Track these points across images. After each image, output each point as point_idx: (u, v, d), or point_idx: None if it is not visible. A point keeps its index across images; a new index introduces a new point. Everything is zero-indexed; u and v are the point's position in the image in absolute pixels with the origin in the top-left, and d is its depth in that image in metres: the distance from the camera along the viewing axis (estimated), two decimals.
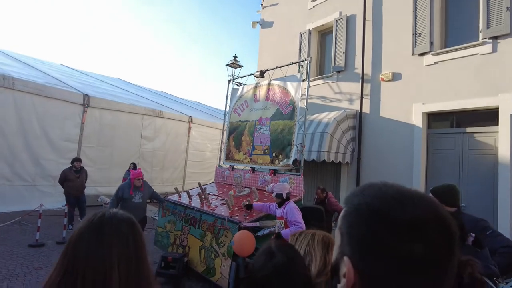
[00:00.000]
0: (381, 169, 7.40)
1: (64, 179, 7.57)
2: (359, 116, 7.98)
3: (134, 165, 9.66)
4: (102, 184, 10.35)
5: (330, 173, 8.67)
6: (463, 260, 1.15)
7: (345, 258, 0.56)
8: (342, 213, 0.61)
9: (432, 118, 7.05)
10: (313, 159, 7.56)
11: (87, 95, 10.08)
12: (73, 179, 7.62)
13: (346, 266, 0.55)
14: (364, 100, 7.95)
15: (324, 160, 7.41)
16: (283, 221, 4.40)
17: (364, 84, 7.97)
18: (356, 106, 8.12)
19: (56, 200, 9.11)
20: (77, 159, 7.98)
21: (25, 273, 4.88)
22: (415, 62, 7.11)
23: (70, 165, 7.81)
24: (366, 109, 7.92)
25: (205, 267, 4.94)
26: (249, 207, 4.88)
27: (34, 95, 8.98)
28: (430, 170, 6.89)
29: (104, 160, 10.51)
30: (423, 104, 6.92)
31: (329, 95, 8.86)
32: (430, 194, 2.66)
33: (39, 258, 5.55)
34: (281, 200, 4.47)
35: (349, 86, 8.38)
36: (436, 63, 6.77)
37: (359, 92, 8.01)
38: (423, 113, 6.93)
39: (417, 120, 6.98)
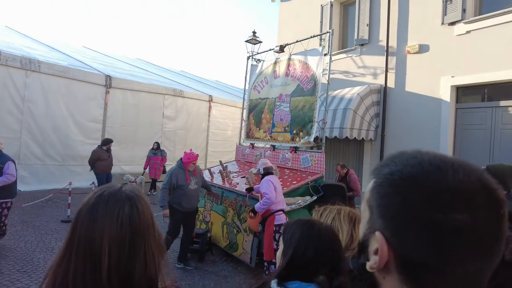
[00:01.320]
0: (406, 146, 7.17)
1: (96, 159, 7.87)
2: (384, 91, 7.70)
3: (157, 145, 9.86)
4: (127, 163, 10.68)
5: (352, 151, 8.52)
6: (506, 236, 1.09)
7: (377, 233, 0.51)
8: (370, 186, 0.56)
9: (462, 92, 6.69)
10: (335, 136, 7.43)
11: (109, 76, 10.25)
12: (105, 158, 7.94)
13: (378, 242, 0.50)
14: (388, 74, 7.63)
15: (347, 137, 7.26)
16: (260, 195, 4.41)
17: (389, 57, 7.62)
18: (380, 81, 7.82)
19: (84, 178, 9.50)
20: (110, 140, 8.27)
21: (59, 247, 5.16)
22: (444, 32, 6.70)
23: (100, 145, 8.10)
24: (390, 83, 7.62)
25: (228, 242, 5.05)
26: (249, 189, 4.85)
27: (59, 78, 9.23)
28: (458, 147, 6.62)
29: (128, 140, 10.76)
30: (452, 77, 6.57)
31: (352, 69, 8.56)
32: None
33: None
34: (262, 175, 4.45)
35: (373, 59, 8.05)
36: (468, 32, 6.34)
37: (384, 66, 7.68)
38: (452, 86, 6.59)
39: (445, 94, 6.65)
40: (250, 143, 7.04)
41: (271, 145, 6.48)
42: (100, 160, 7.86)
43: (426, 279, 0.48)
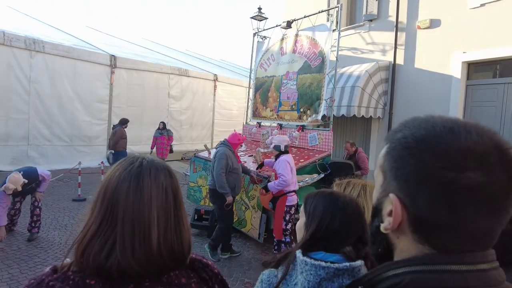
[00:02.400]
0: None
1: (121, 137, 8.17)
2: (392, 68, 7.55)
3: (163, 124, 9.88)
4: (134, 142, 10.74)
5: (360, 129, 8.46)
6: None
7: (391, 195, 0.52)
8: (384, 151, 0.57)
9: (473, 68, 6.54)
10: (343, 115, 7.37)
11: (113, 55, 10.16)
12: (126, 136, 8.30)
13: (392, 203, 0.52)
14: (398, 50, 7.46)
15: (354, 115, 7.20)
16: (274, 173, 4.33)
17: (399, 33, 7.42)
18: (389, 57, 7.66)
19: (93, 158, 9.63)
20: (127, 120, 8.58)
21: (72, 224, 5.30)
22: (457, 6, 6.47)
23: (121, 125, 8.38)
24: (400, 60, 7.46)
25: (237, 218, 5.14)
26: (260, 166, 4.83)
27: (64, 58, 9.18)
28: None
29: (134, 120, 10.76)
30: (463, 52, 6.40)
31: (360, 46, 8.38)
32: None
33: (83, 211, 5.97)
34: (279, 153, 4.30)
35: (382, 35, 7.85)
36: (482, 5, 6.12)
37: (393, 42, 7.50)
38: (463, 62, 6.43)
39: (456, 71, 6.51)
40: (257, 122, 7.03)
41: (278, 123, 6.46)
42: (123, 138, 8.21)
43: (438, 236, 0.50)
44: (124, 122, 8.50)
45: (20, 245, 4.36)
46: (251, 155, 5.71)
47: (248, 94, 7.62)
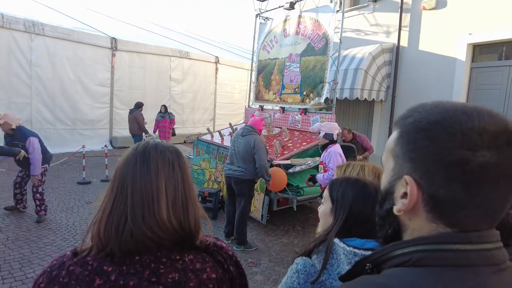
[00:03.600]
0: None
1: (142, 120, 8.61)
2: (396, 50, 7.46)
3: (165, 108, 9.87)
4: None
5: (362, 112, 8.44)
6: None
7: (406, 177, 0.54)
8: (395, 136, 0.59)
9: (479, 50, 6.45)
10: (346, 97, 7.34)
11: (114, 38, 10.05)
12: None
13: (408, 184, 0.54)
14: (402, 32, 7.34)
15: (357, 98, 7.17)
16: (322, 166, 4.00)
17: (403, 15, 7.29)
18: (393, 39, 7.55)
19: (96, 142, 9.69)
20: (142, 103, 8.98)
21: (78, 207, 5.40)
22: None
23: (138, 108, 8.71)
24: (404, 42, 7.36)
25: None
26: (313, 180, 4.12)
27: (64, 41, 9.09)
28: None
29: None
30: (469, 34, 6.30)
31: (364, 27, 8.24)
32: None
33: (88, 194, 6.08)
34: (328, 142, 3.98)
35: (386, 17, 7.71)
36: None
37: (397, 23, 7.37)
38: (468, 44, 6.34)
39: (461, 53, 6.43)
40: (259, 106, 7.02)
41: (280, 107, 6.45)
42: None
43: (454, 214, 0.52)
44: (140, 105, 8.86)
45: (29, 227, 4.46)
46: None
47: (250, 77, 7.56)
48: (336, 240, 0.96)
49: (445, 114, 0.53)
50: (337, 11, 5.85)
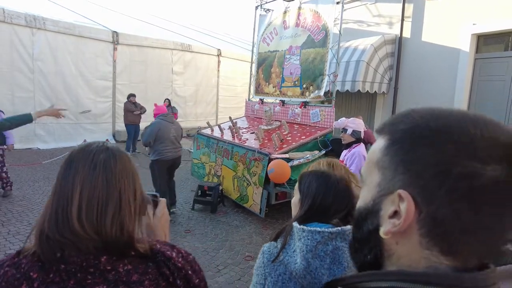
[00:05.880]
0: (419, 98, 6.99)
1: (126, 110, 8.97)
2: (399, 41, 7.34)
3: (169, 101, 9.88)
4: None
5: (364, 104, 8.36)
6: None
7: (401, 192, 0.45)
8: (382, 144, 0.50)
9: (483, 40, 6.32)
10: (347, 90, 7.27)
11: (115, 32, 10.02)
12: (131, 109, 9.01)
13: (403, 200, 0.45)
14: (405, 23, 7.22)
15: (359, 90, 7.10)
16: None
17: (406, 5, 7.15)
18: (395, 30, 7.43)
19: (99, 136, 9.74)
20: (132, 95, 9.22)
21: None
22: None
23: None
24: (406, 33, 7.23)
25: (239, 194, 5.24)
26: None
27: (65, 35, 9.08)
28: (474, 99, 6.41)
29: (138, 97, 10.79)
30: (473, 24, 6.17)
31: (366, 18, 8.12)
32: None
33: None
34: (354, 141, 3.65)
35: (389, 7, 7.58)
36: None
37: (400, 14, 7.24)
38: (473, 35, 6.21)
39: (465, 44, 6.30)
40: (260, 99, 6.98)
41: (280, 100, 6.41)
42: (127, 111, 8.98)
43: (456, 240, 0.43)
44: (128, 96, 9.16)
45: (30, 221, 4.51)
46: (253, 132, 5.73)
47: (251, 70, 7.51)
48: (295, 224, 1.05)
49: (449, 120, 0.45)
50: (338, 2, 5.76)
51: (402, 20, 7.21)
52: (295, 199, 1.18)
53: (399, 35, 7.30)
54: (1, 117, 4.90)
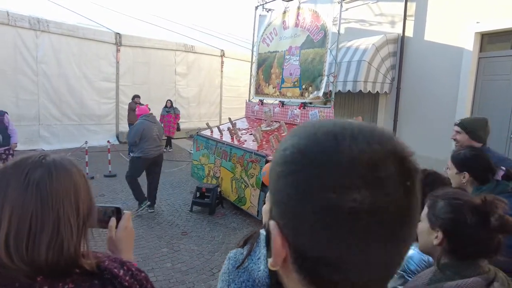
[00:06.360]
0: (422, 98, 6.88)
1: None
2: (401, 40, 7.22)
3: (171, 102, 9.91)
4: None
5: (367, 105, 8.26)
6: (488, 199, 1.04)
7: (271, 222, 0.42)
8: (270, 166, 0.46)
9: (487, 39, 6.19)
10: (349, 90, 7.19)
11: (118, 33, 10.09)
12: (133, 108, 8.89)
13: (273, 234, 0.42)
14: (407, 22, 7.10)
15: (360, 90, 7.02)
16: None
17: (408, 3, 7.04)
18: (398, 30, 7.31)
19: (102, 137, 9.81)
20: (137, 96, 9.31)
21: None
22: None
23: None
24: (409, 32, 7.12)
25: (237, 196, 5.21)
26: None
27: (69, 37, 9.18)
28: (477, 99, 6.28)
29: (141, 98, 10.86)
30: (477, 22, 6.04)
31: (368, 18, 8.01)
32: (457, 128, 2.39)
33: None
34: None
35: (391, 6, 7.47)
36: None
37: (402, 13, 7.13)
38: (476, 33, 6.08)
39: (468, 42, 6.18)
40: (259, 100, 6.95)
41: (279, 101, 6.37)
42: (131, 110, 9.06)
43: (324, 275, 0.40)
44: (133, 97, 9.30)
45: None
46: (252, 134, 5.70)
47: (251, 71, 7.48)
48: (262, 231, 1.03)
49: (313, 139, 0.40)
50: (339, 1, 5.70)
51: (405, 19, 7.10)
52: (266, 207, 1.16)
53: (402, 34, 7.19)
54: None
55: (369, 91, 7.15)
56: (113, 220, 1.05)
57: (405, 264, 1.39)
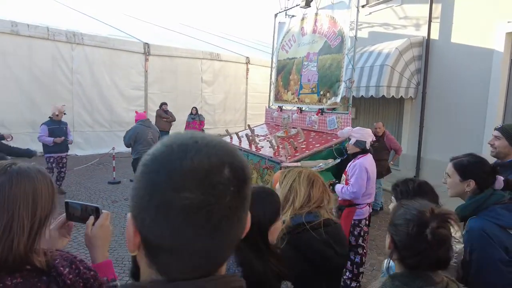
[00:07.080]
0: (449, 103, 6.57)
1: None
2: (426, 43, 6.97)
3: (196, 110, 10.17)
4: None
5: (392, 110, 8.02)
6: (436, 212, 1.01)
7: (128, 214, 0.52)
8: None
9: None
10: (372, 95, 7.03)
11: (147, 43, 10.54)
12: (163, 116, 9.64)
13: (127, 224, 0.52)
14: (432, 24, 6.84)
15: (383, 96, 6.84)
16: (345, 177, 3.54)
17: (434, 5, 6.79)
18: (423, 32, 7.06)
19: None
20: (164, 103, 9.80)
21: (104, 205, 5.77)
22: None
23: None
24: (434, 35, 6.85)
25: None
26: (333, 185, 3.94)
27: (101, 48, 9.72)
28: (510, 103, 5.90)
29: (169, 105, 11.22)
30: (508, 22, 5.71)
31: (392, 21, 7.81)
32: (497, 133, 2.22)
33: (116, 193, 6.47)
34: (359, 151, 3.45)
35: (415, 8, 7.24)
36: None
37: (427, 15, 6.88)
38: (507, 34, 5.74)
39: (499, 44, 5.84)
40: (278, 106, 6.96)
41: (297, 107, 6.35)
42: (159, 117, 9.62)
43: (162, 260, 0.50)
44: (160, 105, 9.79)
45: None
46: (269, 140, 5.71)
47: (271, 77, 7.52)
48: None
49: (167, 149, 0.49)
50: (363, 6, 5.61)
51: (430, 21, 6.85)
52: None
53: (427, 37, 6.94)
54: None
55: (393, 96, 6.95)
56: (91, 218, 1.15)
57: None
